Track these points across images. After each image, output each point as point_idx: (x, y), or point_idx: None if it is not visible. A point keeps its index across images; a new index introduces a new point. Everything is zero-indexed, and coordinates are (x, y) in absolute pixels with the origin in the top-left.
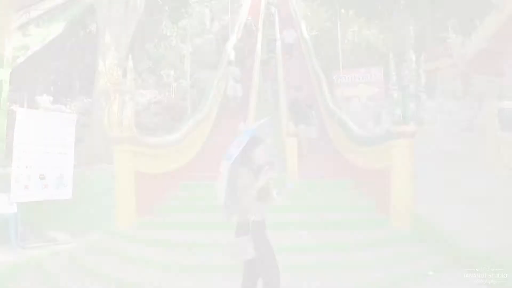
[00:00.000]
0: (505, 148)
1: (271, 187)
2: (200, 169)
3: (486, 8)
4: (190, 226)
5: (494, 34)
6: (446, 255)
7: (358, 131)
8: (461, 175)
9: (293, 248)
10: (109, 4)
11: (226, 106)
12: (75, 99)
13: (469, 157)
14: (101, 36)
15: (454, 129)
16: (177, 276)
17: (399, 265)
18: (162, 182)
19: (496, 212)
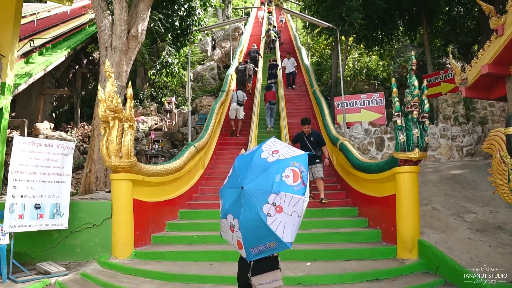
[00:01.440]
0: None
1: None
2: (200, 197)
3: (484, 34)
4: (189, 257)
5: (495, 59)
6: (456, 287)
7: (361, 157)
8: (468, 202)
9: (295, 279)
10: (110, 32)
11: (228, 132)
12: (77, 126)
13: (476, 183)
14: (102, 63)
15: (457, 154)
16: None
17: None
18: (161, 211)
19: (506, 241)
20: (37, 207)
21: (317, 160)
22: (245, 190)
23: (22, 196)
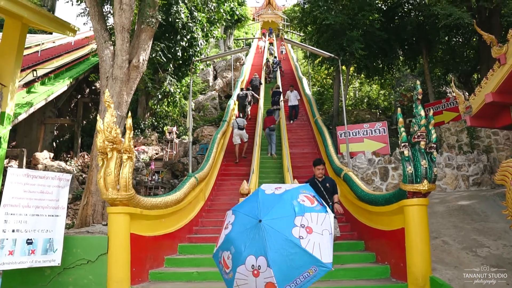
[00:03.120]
0: None
1: None
2: (201, 230)
3: (483, 63)
4: None
5: (499, 87)
6: None
7: (366, 189)
8: (479, 235)
9: None
10: (112, 62)
11: (229, 162)
12: (77, 155)
13: (486, 215)
14: (102, 93)
15: (463, 183)
16: None
17: None
18: (160, 245)
19: None
20: (29, 242)
21: (334, 215)
22: (265, 222)
23: (13, 231)
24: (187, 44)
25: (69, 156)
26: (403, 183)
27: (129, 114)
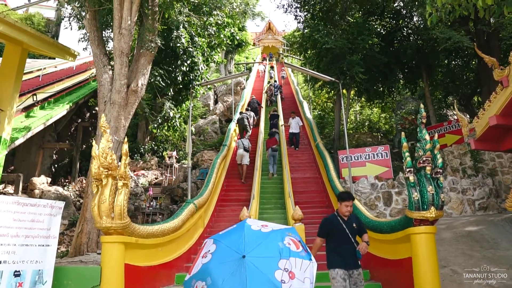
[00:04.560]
0: None
1: None
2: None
3: (484, 85)
4: None
5: (502, 110)
6: None
7: (370, 215)
8: (490, 263)
9: None
10: (110, 86)
11: (229, 188)
12: (75, 180)
13: (495, 242)
14: (99, 118)
15: (469, 208)
16: None
17: None
18: (156, 276)
19: None
20: (17, 274)
21: (359, 262)
22: (248, 259)
23: (0, 262)
24: (187, 69)
25: (67, 181)
26: (409, 210)
27: (126, 139)
